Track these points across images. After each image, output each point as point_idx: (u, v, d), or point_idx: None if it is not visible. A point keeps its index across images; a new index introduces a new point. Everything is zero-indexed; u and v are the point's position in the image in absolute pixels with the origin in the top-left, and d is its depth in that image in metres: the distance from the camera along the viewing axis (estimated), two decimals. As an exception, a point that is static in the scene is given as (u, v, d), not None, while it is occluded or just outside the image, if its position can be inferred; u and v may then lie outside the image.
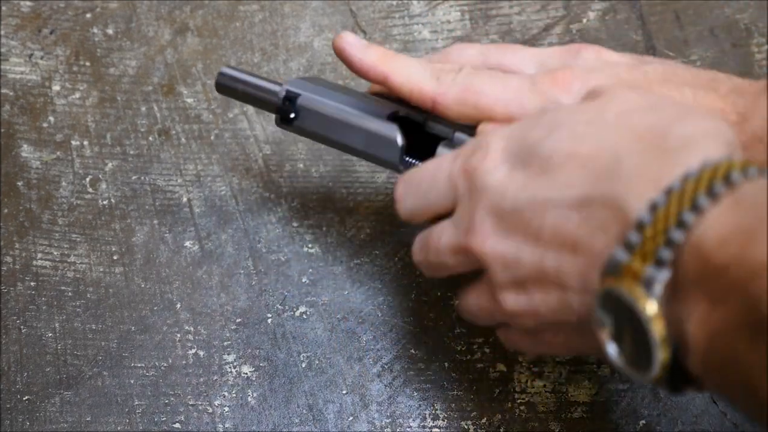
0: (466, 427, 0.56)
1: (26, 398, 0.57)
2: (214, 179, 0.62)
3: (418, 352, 0.57)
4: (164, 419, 0.56)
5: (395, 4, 0.67)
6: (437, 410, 0.56)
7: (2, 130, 0.64)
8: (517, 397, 0.56)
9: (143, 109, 0.64)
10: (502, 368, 0.57)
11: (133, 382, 0.57)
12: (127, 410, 0.57)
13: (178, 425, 0.56)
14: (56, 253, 0.61)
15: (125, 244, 0.61)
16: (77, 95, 0.65)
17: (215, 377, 0.57)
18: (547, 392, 0.56)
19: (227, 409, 0.56)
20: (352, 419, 0.56)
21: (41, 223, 0.62)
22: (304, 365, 0.57)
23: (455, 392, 0.56)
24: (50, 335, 0.59)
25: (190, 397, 0.57)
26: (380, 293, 0.59)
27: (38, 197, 0.62)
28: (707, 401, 0.54)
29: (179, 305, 0.59)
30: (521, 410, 0.56)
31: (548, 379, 0.56)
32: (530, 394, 0.56)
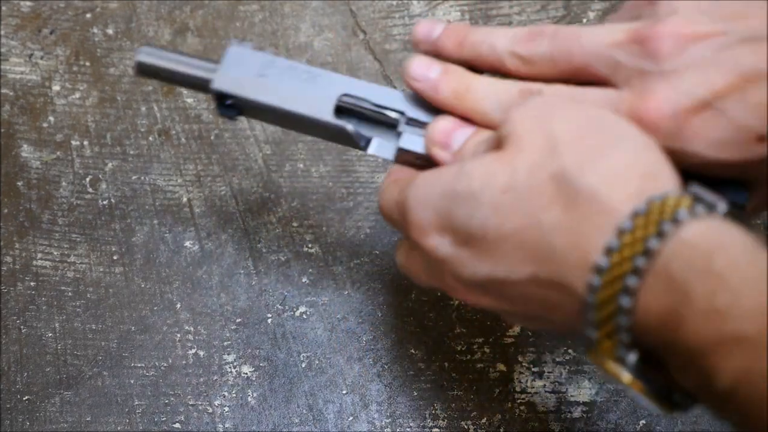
0: (466, 427, 0.56)
1: (26, 398, 0.57)
2: (214, 179, 0.62)
3: (418, 352, 0.57)
4: (164, 419, 0.56)
5: (395, 4, 0.67)
6: (437, 410, 0.56)
7: (2, 130, 0.64)
8: (517, 397, 0.56)
9: (143, 109, 0.64)
10: (502, 368, 0.57)
11: (133, 382, 0.57)
12: (127, 410, 0.57)
13: (178, 425, 0.56)
14: (56, 253, 0.61)
15: (125, 244, 0.61)
16: (77, 95, 0.65)
17: (215, 377, 0.57)
18: (547, 392, 0.56)
19: (227, 409, 0.56)
20: (352, 419, 0.56)
21: (41, 223, 0.62)
22: (304, 365, 0.57)
23: (455, 392, 0.56)
24: (50, 335, 0.59)
25: (190, 397, 0.57)
26: (380, 293, 0.59)
27: (38, 197, 0.62)
28: (707, 401, 0.54)
29: (179, 305, 0.59)
30: (521, 410, 0.56)
31: (548, 379, 0.56)
32: (530, 394, 0.56)
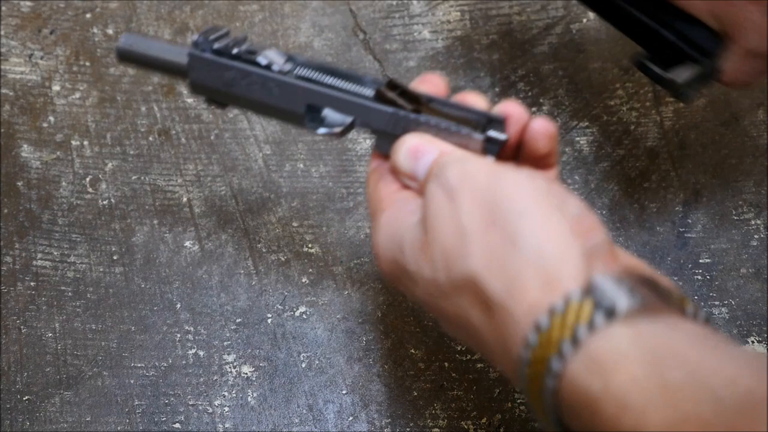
0: (466, 427, 0.56)
1: (26, 398, 0.57)
2: (214, 179, 0.62)
3: (418, 352, 0.57)
4: (164, 419, 0.56)
5: (395, 4, 0.67)
6: (437, 410, 0.56)
7: (2, 130, 0.64)
8: (517, 397, 0.56)
9: (143, 109, 0.64)
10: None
11: (133, 382, 0.57)
12: (127, 410, 0.57)
13: (178, 425, 0.56)
14: (56, 253, 0.61)
15: (125, 244, 0.61)
16: (77, 95, 0.65)
17: (215, 377, 0.57)
18: (547, 392, 0.56)
19: (227, 409, 0.56)
20: (352, 419, 0.56)
21: (41, 223, 0.62)
22: (304, 365, 0.57)
23: (455, 392, 0.56)
24: (50, 335, 0.59)
25: (190, 397, 0.57)
26: (380, 293, 0.59)
27: (38, 197, 0.62)
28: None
29: (179, 305, 0.59)
30: (521, 410, 0.56)
31: (548, 379, 0.56)
32: (530, 394, 0.56)
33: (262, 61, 0.46)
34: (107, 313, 0.59)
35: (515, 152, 0.43)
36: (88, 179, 0.63)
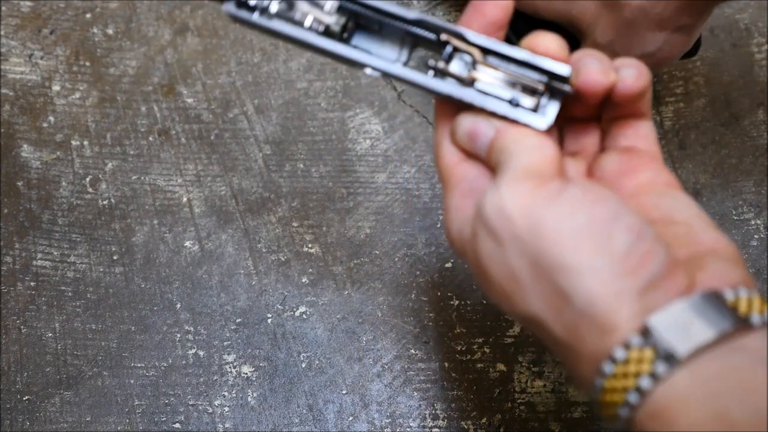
0: (466, 427, 0.56)
1: (26, 398, 0.57)
2: (214, 179, 0.62)
3: (418, 352, 0.57)
4: (164, 419, 0.56)
5: (395, 4, 0.67)
6: (437, 410, 0.56)
7: (2, 130, 0.64)
8: (517, 397, 0.56)
9: (143, 109, 0.64)
10: (502, 368, 0.57)
11: (133, 382, 0.57)
12: (127, 410, 0.57)
13: (178, 425, 0.56)
14: (56, 253, 0.61)
15: (125, 244, 0.61)
16: (77, 95, 0.65)
17: (215, 377, 0.57)
18: (547, 392, 0.56)
19: (227, 409, 0.56)
20: (352, 419, 0.56)
21: (41, 223, 0.62)
22: (304, 365, 0.57)
23: (455, 392, 0.56)
24: (50, 335, 0.59)
25: (190, 397, 0.57)
26: (380, 293, 0.59)
27: (38, 197, 0.62)
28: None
29: (179, 305, 0.59)
30: (521, 410, 0.56)
31: (548, 379, 0.56)
32: (530, 394, 0.56)
33: (301, 20, 0.42)
34: (107, 313, 0.59)
35: (602, 99, 0.40)
36: (88, 179, 0.63)
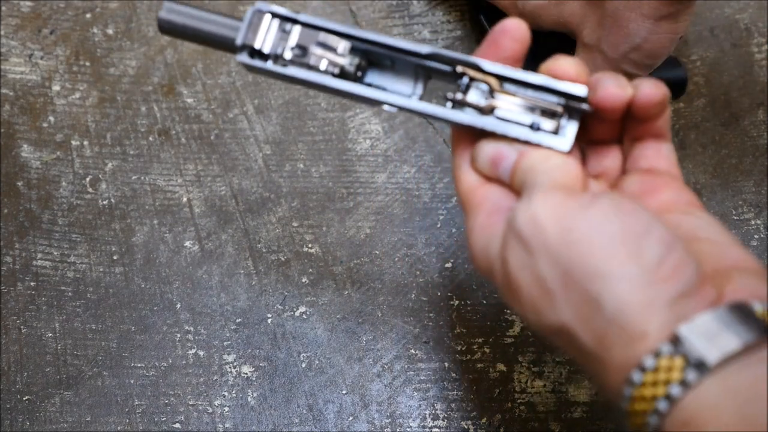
0: (466, 427, 0.56)
1: (26, 398, 0.57)
2: (214, 179, 0.62)
3: (418, 352, 0.57)
4: (164, 419, 0.56)
5: (395, 4, 0.67)
6: (437, 410, 0.56)
7: (2, 130, 0.64)
8: (517, 397, 0.56)
9: (143, 109, 0.64)
10: (502, 368, 0.57)
11: (133, 382, 0.57)
12: (127, 410, 0.57)
13: (178, 425, 0.56)
14: (56, 253, 0.61)
15: (125, 244, 0.61)
16: (77, 95, 0.65)
17: (215, 377, 0.57)
18: (547, 392, 0.56)
19: (227, 409, 0.56)
20: (352, 419, 0.56)
21: (41, 223, 0.62)
22: (304, 365, 0.57)
23: (455, 392, 0.56)
24: (50, 335, 0.59)
25: (190, 397, 0.57)
26: (380, 293, 0.59)
27: (38, 197, 0.62)
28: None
29: (179, 305, 0.59)
30: (521, 410, 0.56)
31: (548, 379, 0.56)
32: (530, 394, 0.56)
33: (316, 64, 0.43)
34: (107, 313, 0.59)
35: (622, 117, 0.41)
36: (88, 179, 0.63)
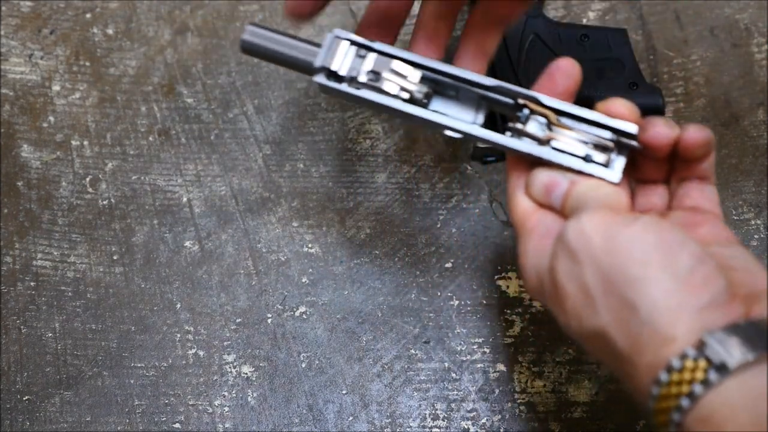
0: (466, 427, 0.56)
1: (26, 398, 0.57)
2: (214, 179, 0.62)
3: (418, 352, 0.57)
4: (164, 419, 0.56)
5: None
6: (437, 410, 0.56)
7: (2, 130, 0.64)
8: (517, 397, 0.56)
9: (143, 109, 0.64)
10: (502, 368, 0.57)
11: (133, 382, 0.57)
12: (127, 410, 0.57)
13: (178, 425, 0.56)
14: (56, 253, 0.61)
15: (125, 244, 0.61)
16: (77, 95, 0.65)
17: (215, 377, 0.57)
18: (547, 392, 0.56)
19: (227, 409, 0.56)
20: (352, 419, 0.56)
21: (41, 223, 0.62)
22: (304, 365, 0.57)
23: (455, 392, 0.56)
24: (50, 335, 0.59)
25: (190, 397, 0.57)
26: (380, 293, 0.59)
27: (38, 197, 0.62)
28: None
29: (179, 305, 0.59)
30: (521, 410, 0.56)
31: (548, 379, 0.56)
32: (530, 394, 0.56)
33: (388, 88, 0.47)
34: (107, 313, 0.59)
35: (668, 156, 0.46)
36: (88, 179, 0.63)
